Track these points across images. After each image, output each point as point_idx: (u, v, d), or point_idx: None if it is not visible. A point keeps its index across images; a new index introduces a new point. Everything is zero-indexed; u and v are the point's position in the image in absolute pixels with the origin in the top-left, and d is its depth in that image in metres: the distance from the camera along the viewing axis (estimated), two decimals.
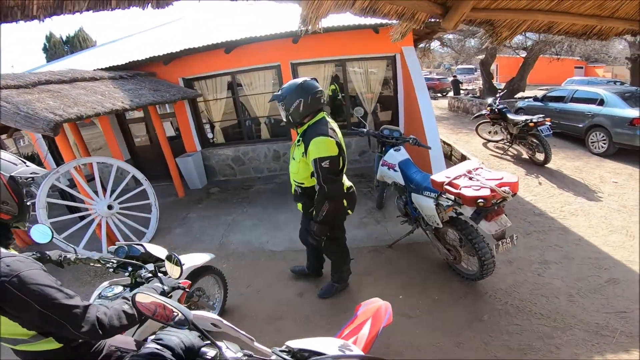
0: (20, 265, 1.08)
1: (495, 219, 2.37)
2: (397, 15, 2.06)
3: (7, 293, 1.03)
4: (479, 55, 14.16)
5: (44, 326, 1.13)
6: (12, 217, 1.20)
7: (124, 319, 1.21)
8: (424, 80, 5.26)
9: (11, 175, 1.17)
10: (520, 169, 5.84)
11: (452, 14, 1.93)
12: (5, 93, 3.69)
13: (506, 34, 2.23)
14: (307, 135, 2.15)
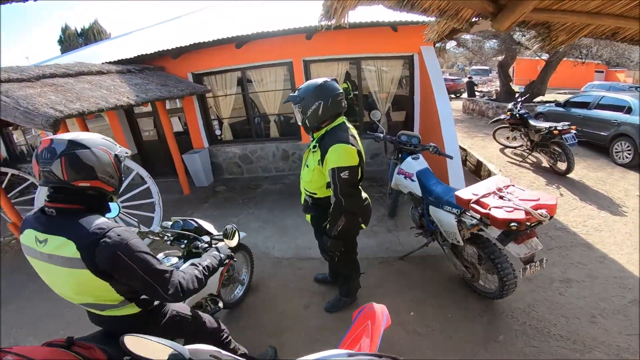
0: (127, 234, 1.23)
1: (526, 241, 2.15)
2: (439, 11, 1.81)
3: (120, 261, 1.18)
4: (498, 57, 13.69)
5: (142, 289, 1.30)
6: (114, 189, 1.35)
7: (196, 283, 1.42)
8: (443, 81, 4.98)
9: (115, 153, 1.33)
10: (540, 178, 5.54)
11: (508, 14, 1.68)
12: (6, 87, 3.57)
13: (563, 39, 1.97)
14: (325, 141, 1.95)
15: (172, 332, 1.58)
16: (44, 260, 1.24)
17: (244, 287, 3.01)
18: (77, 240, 1.17)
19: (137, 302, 1.38)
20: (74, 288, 1.26)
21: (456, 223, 2.49)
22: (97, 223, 1.21)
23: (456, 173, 4.10)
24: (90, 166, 1.23)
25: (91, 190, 1.28)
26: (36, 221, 1.25)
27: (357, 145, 1.99)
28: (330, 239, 2.10)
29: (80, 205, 1.26)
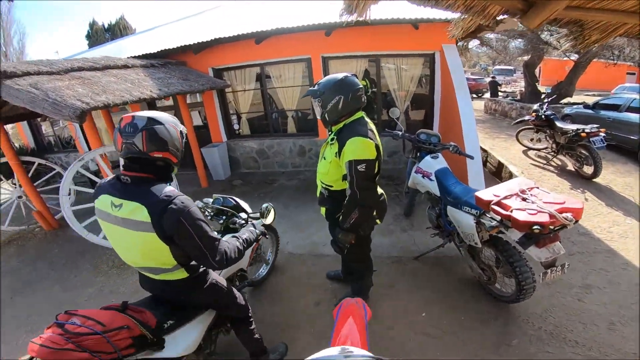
0: (189, 202, 1.39)
1: (548, 245, 2.06)
2: (465, 7, 1.73)
3: (181, 226, 1.33)
4: (523, 57, 13.23)
5: (193, 254, 1.43)
6: (177, 161, 1.50)
7: (237, 253, 1.58)
8: (465, 80, 4.85)
9: (180, 129, 1.49)
10: (564, 181, 5.32)
11: (539, 11, 1.59)
12: (36, 79, 3.70)
13: (596, 38, 1.85)
14: (343, 134, 1.95)
15: (210, 299, 1.74)
16: (117, 224, 1.40)
17: (268, 267, 3.17)
18: (149, 206, 1.32)
19: (186, 268, 1.54)
20: (141, 251, 1.42)
21: (475, 224, 2.42)
22: (166, 191, 1.37)
23: (476, 174, 4.00)
24: (164, 139, 1.40)
25: (161, 161, 1.44)
26: (112, 187, 1.41)
27: (375, 139, 1.97)
28: (342, 230, 2.09)
29: (151, 175, 1.42)
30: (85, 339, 1.22)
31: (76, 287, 3.52)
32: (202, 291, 1.66)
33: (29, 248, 4.61)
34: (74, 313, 1.33)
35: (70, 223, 3.79)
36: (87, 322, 1.28)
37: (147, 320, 1.44)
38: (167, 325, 1.54)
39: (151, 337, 1.40)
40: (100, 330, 1.25)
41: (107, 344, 1.25)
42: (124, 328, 1.32)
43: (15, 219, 5.35)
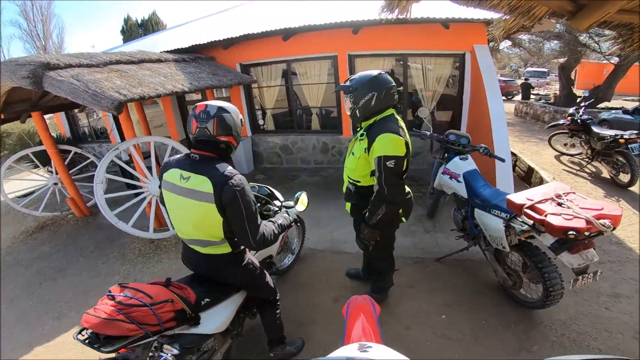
0: (244, 182, 1.56)
1: (582, 252, 2.00)
2: (509, 8, 1.69)
3: (235, 199, 1.49)
4: (559, 59, 12.66)
5: (237, 229, 1.56)
6: (237, 144, 1.70)
7: (273, 237, 1.71)
8: (497, 82, 4.71)
9: (240, 118, 1.67)
10: (598, 189, 5.08)
11: (589, 13, 1.54)
12: (77, 71, 3.87)
13: None
14: (373, 130, 1.97)
15: (246, 277, 1.86)
16: (182, 195, 1.58)
17: (294, 256, 3.28)
18: (213, 179, 1.50)
19: (231, 243, 1.68)
20: (197, 221, 1.58)
21: (504, 228, 2.37)
22: (228, 169, 1.56)
23: (505, 177, 3.88)
24: (229, 126, 1.60)
25: (223, 144, 1.63)
26: (182, 163, 1.62)
27: (405, 136, 1.98)
28: (368, 226, 2.10)
29: (215, 154, 1.61)
30: (135, 310, 1.34)
31: (103, 275, 3.66)
32: (241, 268, 1.80)
33: (61, 234, 4.82)
34: (126, 286, 1.47)
35: (102, 210, 3.96)
36: (137, 294, 1.41)
37: (187, 296, 1.57)
38: (204, 302, 1.65)
39: (190, 312, 1.52)
40: (148, 303, 1.38)
41: (153, 316, 1.37)
42: (169, 302, 1.44)
43: (49, 205, 5.57)
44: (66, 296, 3.33)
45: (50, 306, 3.18)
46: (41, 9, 20.47)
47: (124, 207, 4.17)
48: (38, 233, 4.94)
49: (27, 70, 3.57)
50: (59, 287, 3.53)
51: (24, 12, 20.05)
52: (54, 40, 21.46)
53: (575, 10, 1.61)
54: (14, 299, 3.41)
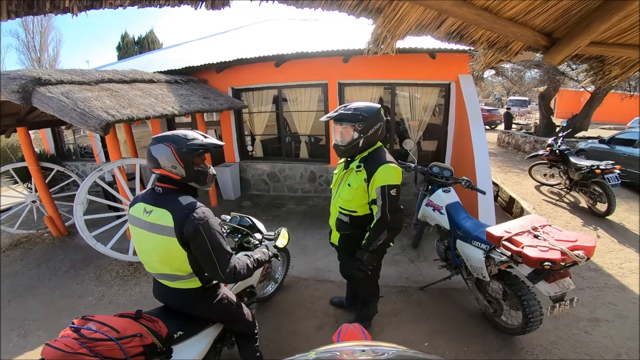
0: (209, 214, 1.54)
1: (558, 281, 2.11)
2: (488, 44, 1.79)
3: (197, 233, 1.46)
4: (539, 87, 13.25)
5: (204, 263, 1.52)
6: (181, 177, 1.58)
7: (246, 271, 1.64)
8: (480, 112, 4.90)
9: (179, 147, 1.55)
10: (576, 218, 5.26)
11: (562, 47, 1.64)
12: (68, 88, 3.86)
13: (616, 73, 1.88)
14: (371, 161, 2.08)
15: (220, 313, 1.81)
16: (145, 229, 1.56)
17: (276, 285, 3.28)
18: (174, 213, 1.48)
19: (200, 278, 1.64)
20: (161, 255, 1.55)
21: (484, 259, 2.45)
22: (190, 201, 1.54)
23: (487, 209, 3.97)
24: (155, 158, 1.55)
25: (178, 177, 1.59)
26: (147, 196, 1.61)
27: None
28: (368, 252, 2.12)
29: (177, 187, 1.60)
30: (99, 344, 1.28)
31: (76, 295, 3.56)
32: (213, 304, 1.74)
33: (35, 252, 4.68)
34: (91, 318, 1.40)
35: (80, 232, 3.85)
36: (102, 328, 1.34)
37: (159, 329, 1.52)
38: (176, 335, 1.61)
39: (161, 346, 1.47)
40: (114, 337, 1.31)
41: (119, 350, 1.30)
42: (137, 336, 1.38)
43: (25, 223, 5.43)
44: (35, 315, 3.23)
45: (17, 323, 3.10)
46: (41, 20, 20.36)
47: (104, 229, 4.08)
48: (11, 250, 4.80)
49: (18, 84, 3.51)
50: (28, 305, 3.44)
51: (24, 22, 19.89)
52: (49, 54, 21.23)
53: (550, 44, 1.71)
54: None
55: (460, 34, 1.73)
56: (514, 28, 1.62)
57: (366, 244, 2.12)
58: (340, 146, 2.13)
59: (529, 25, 1.67)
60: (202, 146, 1.60)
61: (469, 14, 1.53)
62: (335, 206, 2.34)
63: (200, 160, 1.65)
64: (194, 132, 1.66)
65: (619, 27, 1.59)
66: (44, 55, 20.74)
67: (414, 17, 1.62)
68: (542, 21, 1.65)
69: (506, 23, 1.61)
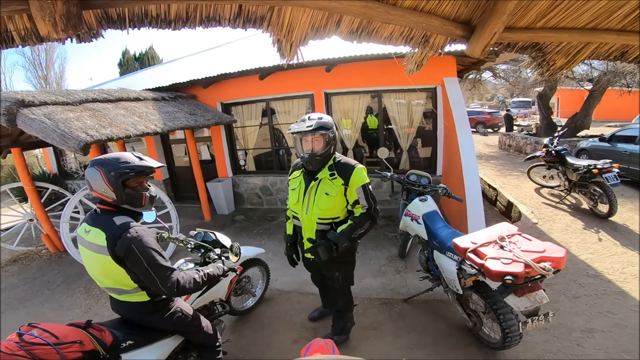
0: (143, 233, 1.57)
1: (529, 295, 1.97)
2: (404, 39, 1.66)
3: (131, 251, 1.51)
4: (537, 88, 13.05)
5: (144, 279, 1.57)
6: (112, 200, 1.63)
7: (192, 284, 1.68)
8: (467, 115, 4.77)
9: (110, 170, 1.58)
10: (577, 221, 5.05)
11: (479, 36, 1.51)
12: (51, 109, 3.91)
13: (562, 62, 1.73)
14: (342, 167, 2.19)
15: (173, 325, 1.84)
16: (85, 247, 1.63)
17: (256, 300, 3.28)
18: (107, 232, 1.54)
19: (147, 292, 1.68)
20: (100, 271, 1.62)
21: (456, 271, 2.35)
22: (124, 221, 1.58)
23: (476, 216, 3.81)
24: (89, 181, 1.62)
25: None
26: (89, 217, 1.68)
27: None
28: (349, 240, 2.16)
29: (114, 207, 1.65)
30: (37, 348, 1.37)
31: (65, 308, 3.64)
32: (163, 316, 1.78)
33: (31, 268, 4.82)
34: (36, 325, 1.50)
35: (67, 248, 3.89)
36: (43, 334, 1.43)
37: (104, 338, 1.59)
38: (125, 344, 1.67)
39: (104, 353, 1.54)
40: (52, 342, 1.40)
41: (57, 354, 1.38)
42: (77, 342, 1.46)
43: (25, 240, 5.60)
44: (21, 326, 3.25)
45: (6, 334, 3.07)
46: None
47: None
48: (9, 266, 4.98)
49: (3, 107, 3.58)
50: (18, 316, 3.54)
51: None
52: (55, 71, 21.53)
53: (468, 34, 1.59)
54: None
55: (367, 31, 1.61)
56: (415, 17, 1.49)
57: (348, 231, 2.15)
58: (316, 156, 2.14)
59: (437, 13, 1.53)
60: (133, 169, 1.63)
61: (353, 7, 1.41)
62: (310, 221, 2.27)
63: (136, 182, 1.68)
64: (129, 154, 1.68)
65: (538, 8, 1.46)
66: (50, 73, 21.00)
67: (304, 20, 1.53)
68: (451, 7, 1.51)
69: (404, 13, 1.48)
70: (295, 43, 1.56)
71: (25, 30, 1.24)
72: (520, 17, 1.51)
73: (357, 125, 5.97)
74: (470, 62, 6.25)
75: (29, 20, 1.22)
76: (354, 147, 6.17)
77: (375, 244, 4.54)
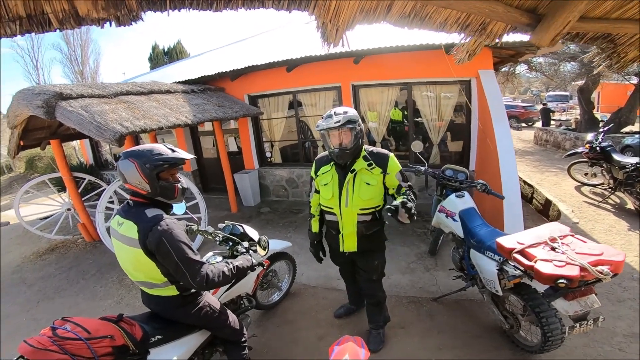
0: (174, 226, 1.56)
1: (579, 299, 1.84)
2: (459, 26, 1.54)
3: (161, 244, 1.50)
4: (577, 81, 12.25)
5: (174, 273, 1.56)
6: (147, 192, 1.61)
7: (222, 277, 1.66)
8: (505, 110, 4.53)
9: (143, 162, 1.57)
10: (621, 221, 4.70)
11: (548, 25, 1.38)
12: (88, 102, 4.04)
13: (634, 55, 1.57)
14: (376, 157, 2.22)
15: (201, 320, 1.83)
16: (118, 239, 1.64)
17: (282, 294, 3.25)
18: (139, 225, 1.54)
19: (177, 286, 1.68)
20: (132, 264, 1.62)
21: (497, 272, 2.20)
22: (155, 214, 1.58)
23: (514, 214, 3.60)
24: (122, 173, 1.60)
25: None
26: (122, 209, 1.68)
27: None
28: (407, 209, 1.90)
29: (147, 200, 1.65)
30: (69, 343, 1.38)
31: (98, 297, 3.74)
32: (191, 311, 1.78)
33: (68, 256, 5.00)
34: (69, 319, 1.51)
35: (102, 238, 4.03)
36: (75, 328, 1.45)
37: (134, 332, 1.59)
38: (154, 339, 1.67)
39: (133, 348, 1.55)
40: (84, 337, 1.42)
41: (87, 349, 1.40)
42: (107, 337, 1.48)
43: (63, 229, 5.85)
44: (57, 316, 3.33)
45: (42, 324, 3.22)
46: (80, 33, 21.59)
47: None
48: (47, 254, 5.19)
49: (42, 99, 3.73)
50: (55, 306, 3.66)
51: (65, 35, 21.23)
52: (91, 66, 22.52)
53: (534, 23, 1.45)
54: (10, 314, 3.58)
55: (420, 16, 1.49)
56: (478, 2, 1.37)
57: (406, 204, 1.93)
58: (347, 149, 2.11)
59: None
60: (167, 161, 1.61)
61: None
62: (351, 213, 2.23)
63: (169, 174, 1.67)
64: (162, 146, 1.67)
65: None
66: (85, 68, 21.98)
67: (352, 2, 1.43)
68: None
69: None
70: (341, 27, 1.48)
71: (63, 12, 1.22)
72: (595, 6, 1.37)
73: (383, 118, 5.83)
74: (508, 54, 5.91)
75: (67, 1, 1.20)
76: (382, 140, 6.02)
77: (403, 239, 4.41)
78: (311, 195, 2.51)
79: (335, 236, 2.38)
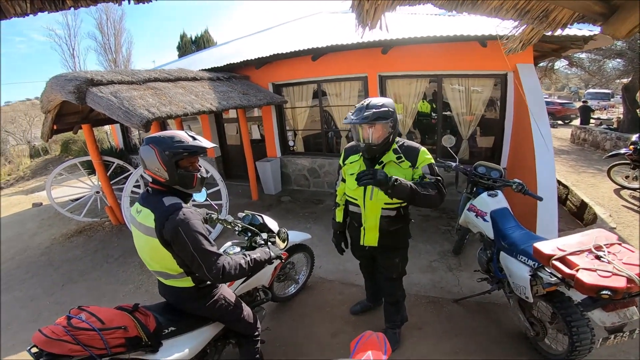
0: (191, 215, 1.52)
1: (619, 310, 1.71)
2: (517, 12, 1.36)
3: (178, 234, 1.46)
4: (623, 79, 11.39)
5: (190, 264, 1.53)
6: (165, 180, 1.58)
7: (238, 270, 1.61)
8: (545, 106, 4.23)
9: (164, 149, 1.53)
10: None
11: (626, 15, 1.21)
12: (117, 88, 4.11)
13: None
14: (407, 150, 2.12)
15: (215, 313, 1.80)
16: (136, 227, 1.62)
17: (298, 287, 3.20)
18: (156, 213, 1.51)
19: (193, 278, 1.66)
20: (149, 254, 1.60)
21: (529, 277, 2.05)
22: (173, 202, 1.54)
23: (548, 216, 3.38)
24: (143, 160, 1.58)
25: None
26: (141, 197, 1.67)
27: None
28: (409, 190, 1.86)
29: (165, 187, 1.61)
30: (82, 333, 1.38)
31: (119, 282, 3.80)
32: (206, 303, 1.75)
33: (95, 239, 5.14)
34: (85, 309, 1.51)
35: (126, 221, 4.12)
36: (90, 318, 1.45)
37: (148, 323, 1.58)
38: (167, 331, 1.67)
39: (146, 340, 1.54)
40: (98, 327, 1.41)
41: (100, 340, 1.40)
42: (121, 328, 1.47)
43: (92, 211, 6.04)
44: (81, 300, 3.48)
45: (64, 308, 3.31)
46: (114, 22, 22.35)
47: None
48: (75, 237, 5.34)
49: (73, 85, 3.83)
50: (78, 290, 3.74)
51: (99, 24, 21.98)
52: (123, 54, 23.24)
53: (608, 12, 1.28)
54: (34, 297, 3.67)
55: None
56: None
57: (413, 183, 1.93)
58: (373, 146, 2.00)
59: None
60: (187, 149, 1.57)
61: None
62: (375, 206, 2.14)
63: (188, 163, 1.62)
64: (184, 133, 1.61)
65: None
66: (118, 56, 22.69)
67: None
68: None
69: None
70: (380, 8, 1.34)
71: None
72: None
73: (410, 110, 5.62)
74: (550, 47, 5.53)
75: None
76: (407, 133, 5.83)
77: (426, 237, 4.27)
78: (338, 183, 2.40)
79: (357, 228, 2.30)
